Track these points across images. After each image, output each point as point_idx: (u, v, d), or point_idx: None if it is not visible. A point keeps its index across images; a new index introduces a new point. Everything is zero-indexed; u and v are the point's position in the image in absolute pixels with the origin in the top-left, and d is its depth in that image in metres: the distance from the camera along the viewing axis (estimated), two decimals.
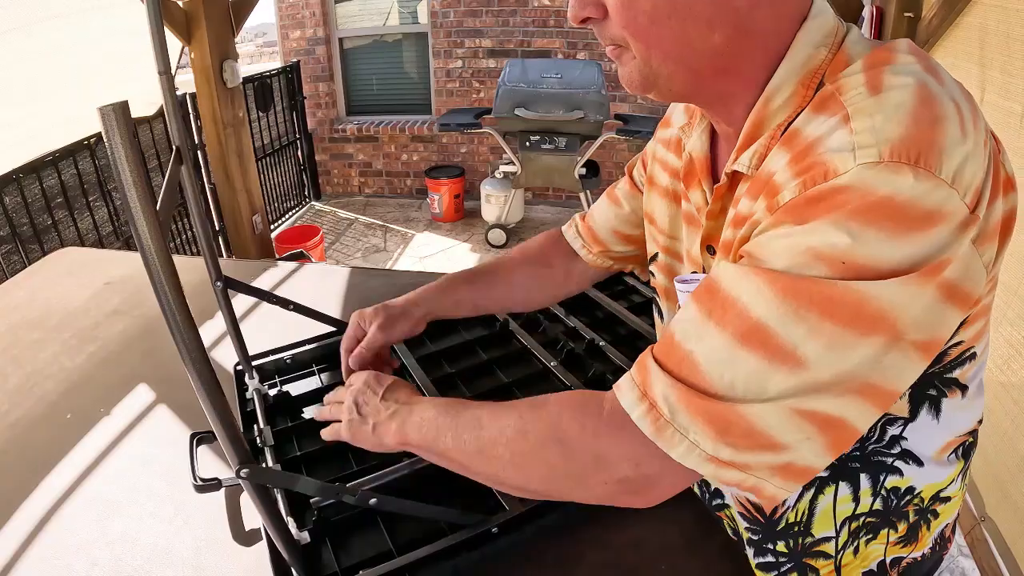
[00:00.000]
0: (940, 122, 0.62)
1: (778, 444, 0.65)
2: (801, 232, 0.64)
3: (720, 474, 0.68)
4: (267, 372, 1.54)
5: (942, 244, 0.61)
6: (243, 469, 0.87)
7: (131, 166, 0.68)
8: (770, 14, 0.74)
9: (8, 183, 3.56)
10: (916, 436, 0.84)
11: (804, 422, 0.65)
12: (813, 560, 0.94)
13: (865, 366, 0.63)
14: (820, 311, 0.62)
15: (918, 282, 0.61)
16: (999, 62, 2.36)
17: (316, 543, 1.09)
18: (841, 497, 0.89)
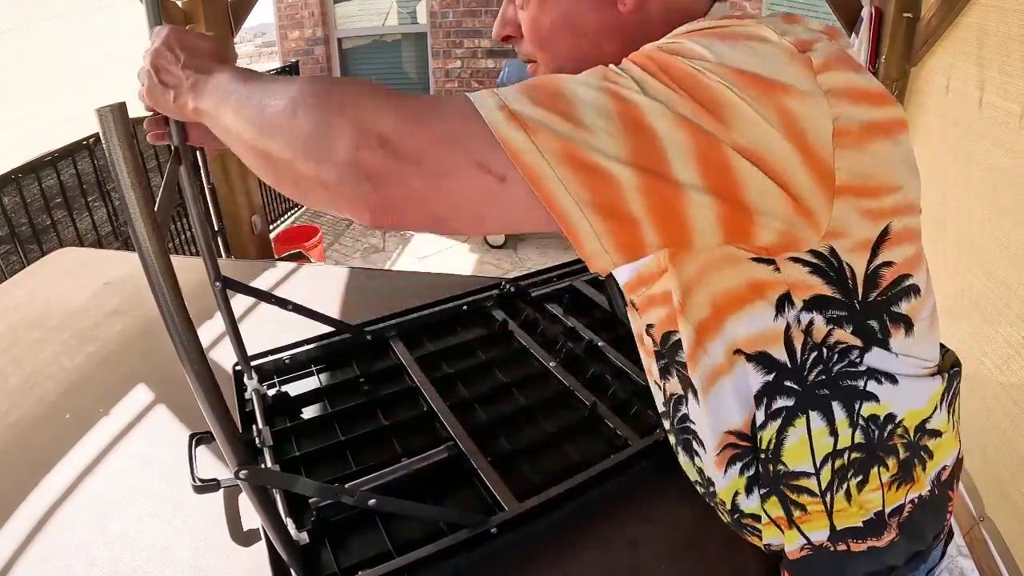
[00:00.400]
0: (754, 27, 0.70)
1: (574, 116, 0.63)
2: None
3: (504, 132, 0.62)
4: (266, 372, 1.54)
5: (768, 61, 0.65)
6: (242, 470, 0.87)
7: (129, 167, 0.68)
8: (657, 25, 0.81)
9: (7, 183, 3.55)
10: (880, 364, 0.85)
11: (613, 110, 0.63)
12: (795, 495, 0.92)
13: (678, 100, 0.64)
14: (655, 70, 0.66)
15: (749, 82, 0.64)
16: (998, 62, 2.36)
17: (315, 544, 1.09)
18: (817, 430, 0.88)
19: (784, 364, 0.85)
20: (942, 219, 2.73)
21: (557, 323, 1.72)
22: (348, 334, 1.62)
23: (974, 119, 2.52)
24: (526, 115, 0.63)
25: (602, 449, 1.30)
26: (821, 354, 0.84)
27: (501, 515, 1.12)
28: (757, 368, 0.86)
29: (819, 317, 0.82)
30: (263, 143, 0.68)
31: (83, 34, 3.48)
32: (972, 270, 2.44)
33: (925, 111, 3.08)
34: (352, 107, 0.64)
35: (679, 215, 0.66)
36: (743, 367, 0.87)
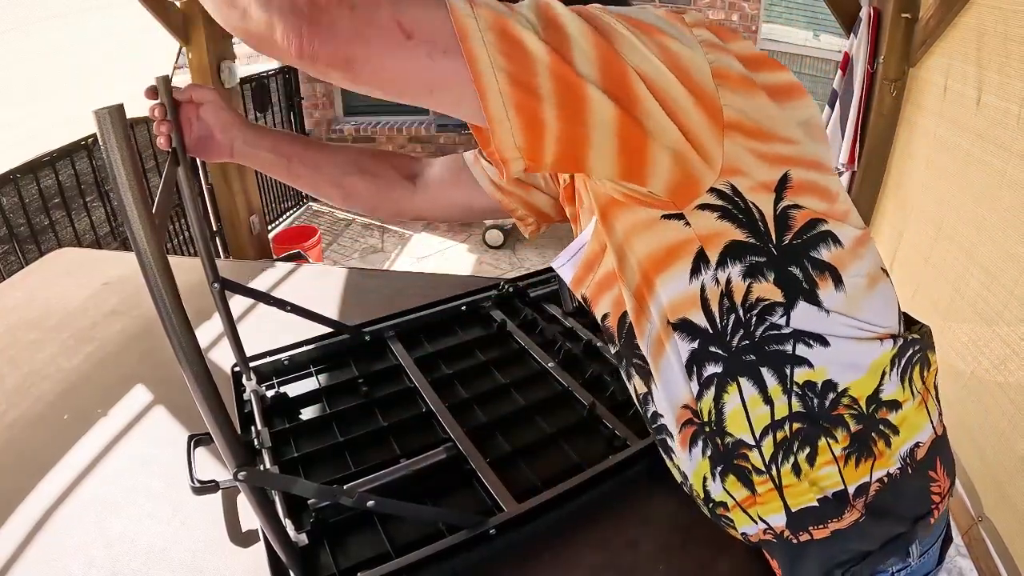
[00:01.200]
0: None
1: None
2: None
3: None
4: (264, 373, 1.54)
5: (650, 14, 0.76)
6: (240, 471, 0.87)
7: (127, 168, 0.68)
8: None
9: (5, 183, 3.55)
10: (809, 325, 0.85)
11: (537, 4, 0.73)
12: (745, 464, 0.91)
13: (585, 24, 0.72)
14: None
15: (631, 23, 0.74)
16: (996, 63, 2.36)
17: (314, 545, 1.09)
18: (750, 398, 0.87)
19: (705, 329, 0.86)
20: (940, 219, 2.74)
21: (555, 323, 1.72)
22: (346, 335, 1.62)
23: (972, 119, 2.52)
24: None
25: (601, 449, 1.30)
26: (740, 317, 0.84)
27: (500, 516, 1.12)
28: (682, 336, 0.88)
29: (736, 269, 0.83)
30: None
31: (82, 34, 3.47)
32: (970, 270, 2.44)
33: (924, 111, 3.08)
34: None
35: (579, 106, 0.71)
36: (673, 337, 0.89)
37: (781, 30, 6.09)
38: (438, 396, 1.42)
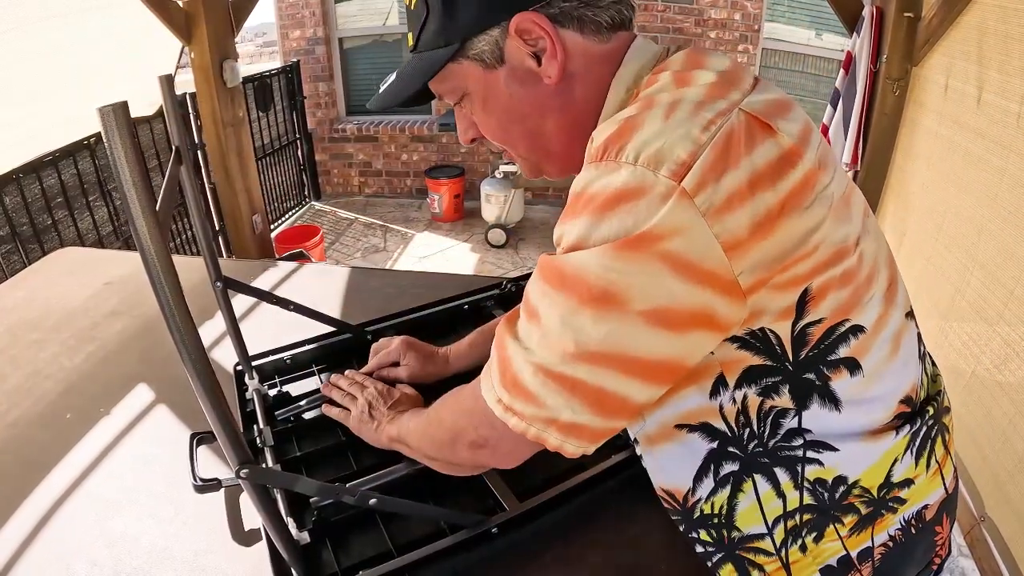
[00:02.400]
0: (639, 119, 0.73)
1: (535, 397, 0.78)
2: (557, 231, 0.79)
3: (507, 419, 0.82)
4: (267, 372, 1.54)
5: (639, 216, 0.69)
6: (243, 469, 0.87)
7: (130, 166, 0.68)
8: (584, 83, 0.89)
9: (8, 183, 3.55)
10: (820, 425, 0.84)
11: (547, 380, 0.77)
12: (751, 555, 0.92)
13: (587, 332, 0.73)
14: (545, 279, 0.77)
15: (622, 250, 0.70)
16: (997, 61, 2.36)
17: (316, 543, 1.09)
18: (764, 494, 0.87)
19: (724, 432, 0.86)
20: (940, 219, 2.74)
21: None
22: (349, 334, 1.62)
23: (973, 118, 2.53)
24: (516, 408, 0.81)
25: (603, 449, 1.29)
26: (753, 430, 0.85)
27: (502, 515, 1.12)
28: (702, 437, 0.88)
29: (752, 389, 0.82)
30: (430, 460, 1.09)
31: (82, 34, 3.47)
32: (971, 270, 2.44)
33: (925, 110, 3.09)
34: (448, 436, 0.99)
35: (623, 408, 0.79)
36: (686, 437, 0.89)
37: (784, 29, 6.09)
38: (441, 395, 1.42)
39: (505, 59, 0.88)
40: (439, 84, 0.94)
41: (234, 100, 4.36)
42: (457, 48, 0.88)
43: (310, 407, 1.43)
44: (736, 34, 6.08)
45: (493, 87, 0.90)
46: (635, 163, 0.69)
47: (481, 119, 0.96)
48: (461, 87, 0.93)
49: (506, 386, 0.81)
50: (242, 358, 1.47)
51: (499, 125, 0.94)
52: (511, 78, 0.89)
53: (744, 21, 6.03)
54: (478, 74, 0.90)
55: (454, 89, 0.94)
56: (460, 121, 1.01)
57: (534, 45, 0.86)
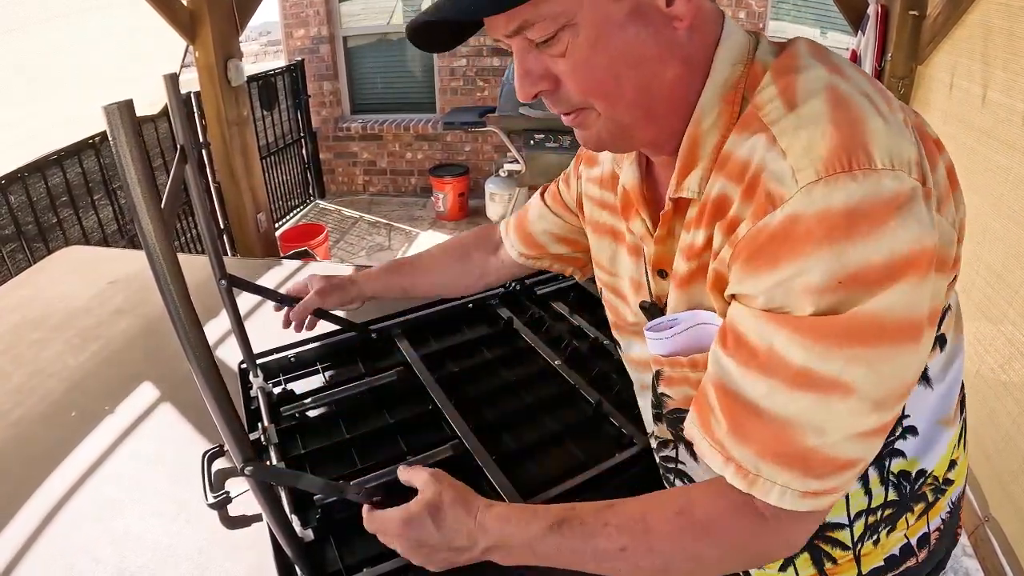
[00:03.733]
0: (859, 120, 0.66)
1: (855, 461, 0.71)
2: (785, 277, 0.67)
3: (819, 504, 0.73)
4: (271, 370, 1.54)
5: (919, 223, 0.64)
6: (247, 467, 0.87)
7: (136, 163, 0.68)
8: (701, 39, 0.78)
9: (13, 182, 3.56)
10: (913, 408, 0.87)
11: (873, 438, 0.71)
12: (828, 547, 0.94)
13: (905, 369, 0.69)
14: (850, 342, 0.65)
15: (918, 275, 0.64)
16: (1002, 60, 2.35)
17: (320, 541, 1.10)
18: (853, 492, 0.89)
19: None
20: None
21: (562, 321, 1.72)
22: (353, 332, 1.63)
23: (978, 117, 2.52)
24: (830, 487, 0.72)
25: (607, 447, 1.29)
26: None
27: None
28: None
29: None
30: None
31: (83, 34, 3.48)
32: (976, 269, 2.43)
33: (930, 109, 3.08)
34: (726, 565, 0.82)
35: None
36: None
37: (789, 27, 6.08)
38: (445, 394, 1.42)
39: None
40: (536, 7, 0.72)
41: (238, 99, 4.36)
42: None
43: (315, 405, 1.43)
44: None
45: (613, 21, 0.73)
46: (893, 168, 0.64)
47: (584, 60, 0.75)
48: (569, 13, 0.72)
49: (817, 476, 0.71)
50: (247, 356, 1.47)
51: (609, 68, 0.75)
52: (636, 14, 0.73)
53: (749, 19, 6.02)
54: (598, 1, 0.72)
55: (557, 16, 0.73)
56: (533, 65, 0.79)
57: None
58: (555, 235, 1.30)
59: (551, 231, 1.30)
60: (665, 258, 0.90)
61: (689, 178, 0.80)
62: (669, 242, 0.88)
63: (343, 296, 1.44)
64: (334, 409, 1.43)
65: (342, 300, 1.44)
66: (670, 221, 0.87)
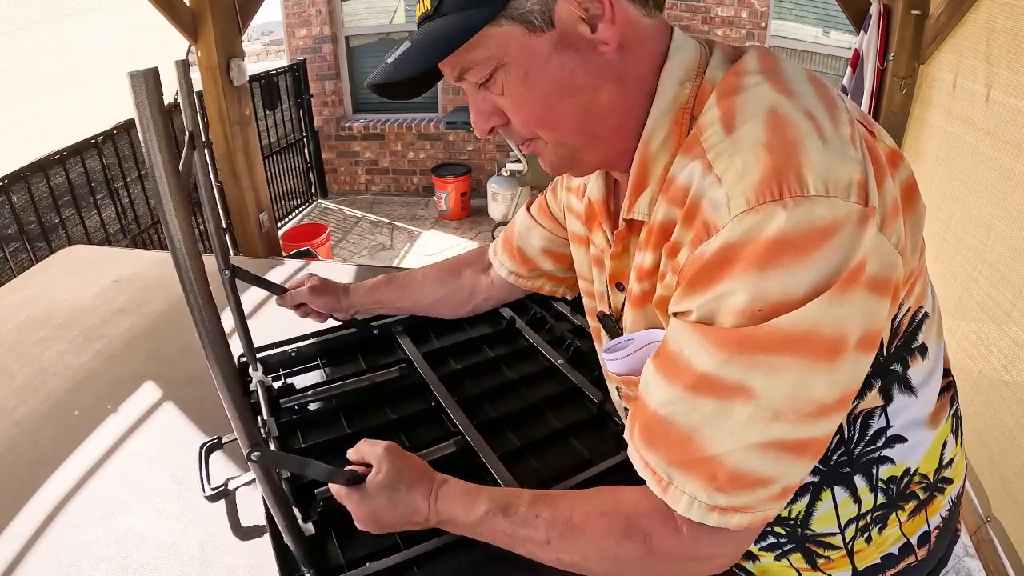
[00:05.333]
0: (794, 144, 0.66)
1: (766, 480, 0.70)
2: (714, 296, 0.68)
3: (728, 521, 0.72)
4: (271, 365, 1.55)
5: (847, 250, 0.64)
6: (254, 452, 0.87)
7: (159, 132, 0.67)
8: (636, 59, 0.79)
9: (16, 181, 3.56)
10: (899, 418, 0.86)
11: (780, 453, 0.69)
12: (820, 549, 0.95)
13: (812, 387, 0.67)
14: (753, 350, 0.66)
15: (841, 292, 0.64)
16: (1006, 59, 2.35)
17: (321, 535, 1.10)
18: (842, 501, 0.90)
19: None
20: (948, 218, 2.72)
21: (564, 320, 1.72)
22: (355, 328, 1.63)
23: (981, 116, 2.51)
24: (738, 505, 0.72)
25: (610, 445, 1.30)
26: (843, 436, 0.86)
27: None
28: None
29: None
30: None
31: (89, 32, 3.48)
32: (979, 269, 2.43)
33: (933, 108, 3.07)
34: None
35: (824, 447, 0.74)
36: None
37: (791, 27, 6.07)
38: (447, 390, 1.42)
39: (555, 22, 0.75)
40: (466, 54, 0.78)
41: (241, 99, 4.36)
42: (499, 7, 0.74)
43: (315, 399, 1.43)
44: (743, 31, 6.06)
45: (539, 55, 0.76)
46: (827, 194, 0.63)
47: (518, 96, 0.79)
48: (496, 57, 0.77)
49: (722, 489, 0.71)
50: (247, 350, 1.47)
51: (543, 102, 0.79)
52: (562, 45, 0.76)
53: (751, 18, 6.01)
54: (521, 39, 0.75)
55: (486, 60, 0.78)
56: (482, 106, 0.84)
57: (587, 9, 0.75)
58: (543, 249, 1.30)
59: (539, 245, 1.30)
60: (622, 272, 0.93)
61: (640, 200, 0.82)
62: (624, 258, 0.92)
63: (332, 303, 1.45)
64: (335, 404, 1.44)
65: (330, 306, 1.45)
66: (624, 239, 0.90)
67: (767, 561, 0.99)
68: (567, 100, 0.79)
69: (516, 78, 0.78)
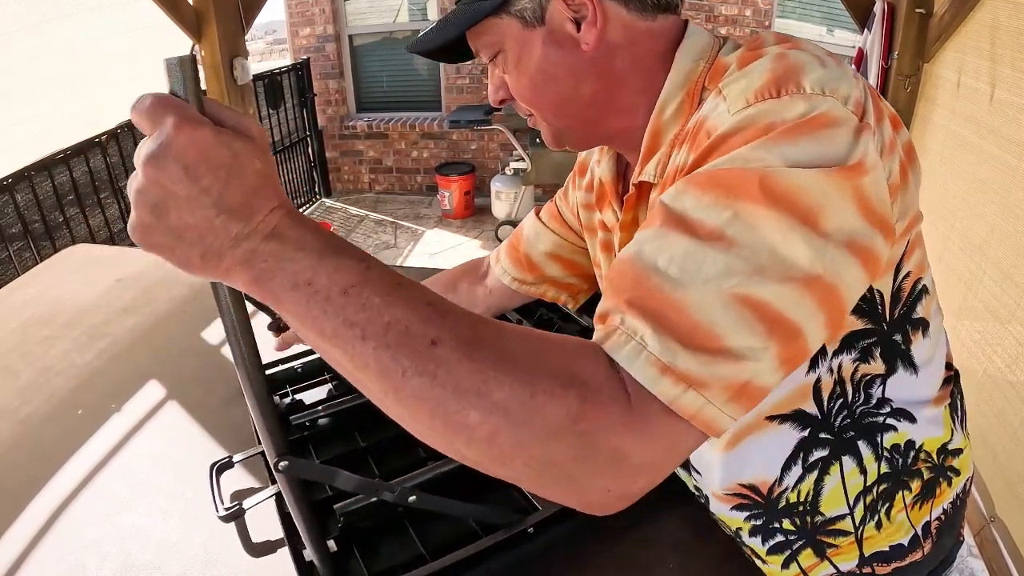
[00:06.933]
0: (796, 63, 0.69)
1: (729, 349, 0.58)
2: (711, 163, 0.67)
3: (678, 396, 0.58)
4: (278, 382, 1.51)
5: (845, 145, 0.64)
6: (281, 461, 0.84)
7: None
8: (629, 56, 0.88)
9: (20, 180, 3.57)
10: (901, 392, 0.88)
11: (751, 316, 0.59)
12: (831, 538, 0.95)
13: (797, 251, 0.60)
14: (738, 195, 0.62)
15: (835, 178, 0.62)
16: (1010, 58, 2.35)
17: (343, 550, 1.08)
18: (848, 472, 0.91)
19: (815, 417, 0.88)
20: (952, 217, 2.72)
21: (572, 323, 1.71)
22: None
23: (985, 115, 2.51)
24: (694, 375, 0.58)
25: None
26: (846, 397, 0.87)
27: (536, 515, 1.12)
28: (793, 426, 0.89)
29: (848, 356, 0.84)
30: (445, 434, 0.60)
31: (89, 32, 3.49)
32: (983, 268, 2.43)
33: (937, 107, 3.07)
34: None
35: (802, 355, 0.64)
36: (776, 429, 0.90)
37: (795, 25, 6.06)
38: None
39: (546, 20, 0.86)
40: (477, 37, 0.93)
41: (244, 98, 4.36)
42: (500, 2, 0.86)
43: (325, 415, 1.41)
44: (747, 30, 6.06)
45: (529, 46, 0.88)
46: (823, 94, 0.65)
47: (513, 78, 0.92)
48: (497, 43, 0.91)
49: (678, 339, 0.58)
50: None
51: (530, 86, 0.91)
52: (549, 40, 0.87)
53: (755, 17, 6.01)
54: (516, 31, 0.88)
55: (490, 44, 0.92)
56: (492, 80, 0.98)
57: (576, 11, 0.85)
58: (551, 254, 1.31)
59: (547, 250, 1.32)
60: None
61: (650, 163, 0.88)
62: (633, 229, 0.96)
63: None
64: (346, 419, 1.39)
65: None
66: (634, 206, 0.96)
67: (773, 567, 1.00)
68: (550, 87, 0.90)
69: (511, 62, 0.91)
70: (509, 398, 0.56)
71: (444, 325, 0.58)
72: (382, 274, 0.59)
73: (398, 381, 0.58)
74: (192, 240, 0.57)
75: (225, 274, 0.59)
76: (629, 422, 0.58)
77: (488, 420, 0.56)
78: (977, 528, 2.41)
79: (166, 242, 0.58)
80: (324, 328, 0.58)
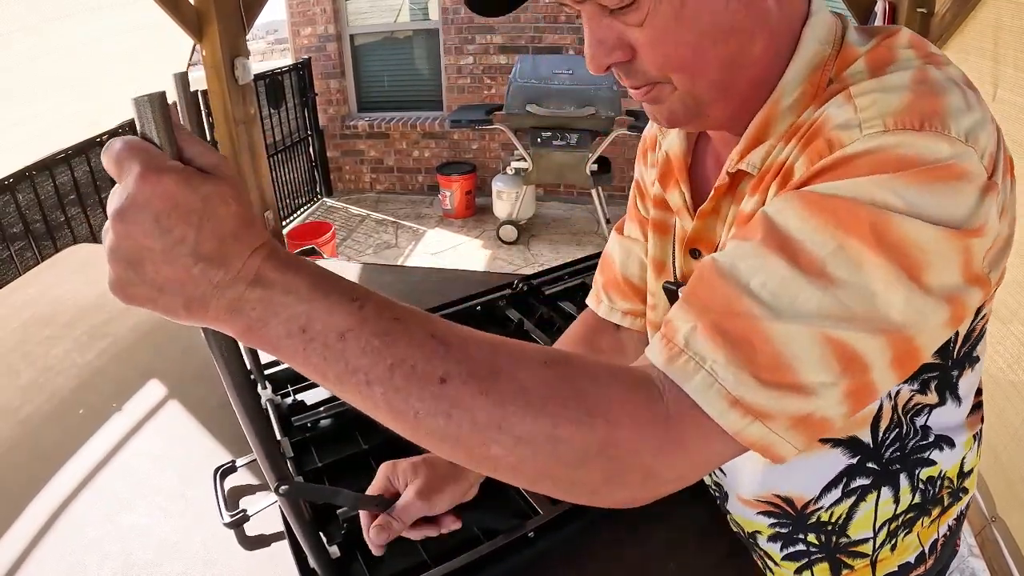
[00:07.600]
0: (941, 94, 0.60)
1: (803, 385, 0.57)
2: (816, 188, 0.60)
3: (741, 426, 0.57)
4: (279, 381, 1.50)
5: (970, 207, 0.58)
6: (282, 485, 0.82)
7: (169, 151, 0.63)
8: (787, 11, 0.72)
9: (21, 180, 3.58)
10: (942, 420, 0.86)
11: (831, 356, 0.57)
12: (848, 558, 0.94)
13: (895, 302, 0.57)
14: (848, 228, 0.57)
15: (952, 239, 0.58)
16: (1012, 58, 2.34)
17: (346, 558, 1.08)
18: (883, 501, 0.89)
19: (868, 446, 0.85)
20: None
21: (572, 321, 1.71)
22: None
23: None
24: (761, 408, 0.57)
25: None
26: (901, 428, 0.84)
27: (537, 519, 1.11)
28: (844, 452, 0.86)
29: (908, 386, 0.81)
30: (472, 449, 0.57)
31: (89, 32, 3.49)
32: None
33: None
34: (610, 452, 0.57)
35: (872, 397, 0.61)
36: (827, 451, 0.86)
37: None
38: None
39: None
40: None
41: (245, 97, 4.36)
42: None
43: (327, 415, 1.41)
44: None
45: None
46: (966, 142, 0.58)
47: (665, 31, 0.67)
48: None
49: (754, 372, 0.57)
50: (254, 366, 1.44)
51: (694, 41, 0.68)
52: None
53: None
54: None
55: None
56: (605, 35, 0.70)
57: None
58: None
59: (643, 262, 1.09)
60: (703, 235, 0.85)
61: (753, 153, 0.74)
62: (711, 219, 0.83)
63: (461, 487, 0.97)
64: (347, 420, 1.40)
65: (462, 494, 0.98)
66: (721, 196, 0.81)
67: (786, 572, 0.99)
68: (720, 45, 0.69)
69: (670, 7, 0.66)
70: (532, 431, 0.54)
71: (451, 358, 0.55)
72: (378, 310, 0.56)
73: (412, 423, 0.55)
74: (174, 291, 0.55)
75: (215, 322, 0.56)
76: (664, 444, 0.57)
77: (512, 452, 0.55)
78: (978, 528, 2.41)
79: (147, 294, 0.57)
80: (327, 374, 0.56)
